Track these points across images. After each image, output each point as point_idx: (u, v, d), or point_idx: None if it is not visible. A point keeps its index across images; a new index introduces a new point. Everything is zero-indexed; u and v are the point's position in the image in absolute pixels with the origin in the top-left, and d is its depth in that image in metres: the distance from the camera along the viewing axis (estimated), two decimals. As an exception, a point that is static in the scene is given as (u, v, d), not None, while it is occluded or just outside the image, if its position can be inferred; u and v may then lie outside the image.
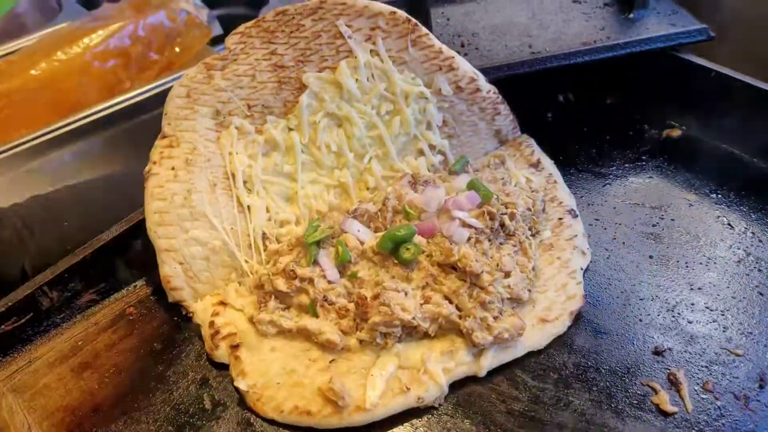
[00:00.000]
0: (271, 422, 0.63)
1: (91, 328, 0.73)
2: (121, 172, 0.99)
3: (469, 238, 0.69)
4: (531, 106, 0.94)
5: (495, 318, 0.65)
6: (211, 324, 0.69)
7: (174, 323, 0.73)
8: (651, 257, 0.75)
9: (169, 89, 0.77)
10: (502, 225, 0.72)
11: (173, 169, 0.73)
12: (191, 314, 0.72)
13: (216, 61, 0.77)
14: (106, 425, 0.64)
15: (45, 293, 0.70)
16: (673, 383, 0.63)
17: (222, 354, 0.67)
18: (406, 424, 0.62)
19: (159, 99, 0.95)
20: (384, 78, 0.80)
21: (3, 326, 0.68)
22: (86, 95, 1.08)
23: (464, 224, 0.69)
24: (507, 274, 0.68)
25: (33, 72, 1.10)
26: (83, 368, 0.69)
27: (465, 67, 0.82)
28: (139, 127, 1.01)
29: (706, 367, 0.64)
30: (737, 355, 0.65)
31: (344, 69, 0.79)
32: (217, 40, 1.16)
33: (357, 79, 0.79)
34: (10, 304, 0.68)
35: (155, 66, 1.18)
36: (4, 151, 0.90)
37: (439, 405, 0.63)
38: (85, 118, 0.99)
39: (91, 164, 0.99)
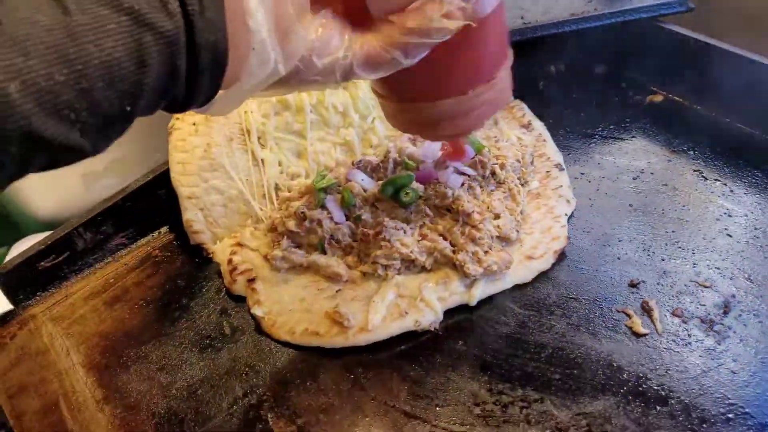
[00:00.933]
0: (284, 344, 0.70)
1: (121, 268, 0.80)
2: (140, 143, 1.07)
3: (462, 184, 0.76)
4: (524, 76, 0.99)
5: (485, 252, 0.72)
6: (229, 261, 0.76)
7: (195, 264, 0.80)
8: (631, 205, 0.82)
9: None
10: (493, 173, 0.79)
11: (194, 124, 0.80)
12: (211, 255, 0.80)
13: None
14: (137, 347, 0.71)
15: (80, 234, 0.78)
16: (646, 310, 0.70)
17: (239, 287, 0.75)
18: (404, 345, 0.69)
19: None
20: (386, 44, 0.87)
21: (42, 263, 0.76)
22: None
23: (458, 172, 0.76)
24: (497, 216, 0.75)
25: None
26: (114, 301, 0.76)
27: (461, 33, 0.89)
28: None
29: (676, 296, 0.71)
30: (705, 287, 0.72)
31: (349, 36, 0.86)
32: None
33: (361, 46, 0.86)
34: (48, 242, 0.76)
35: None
36: None
37: (435, 329, 0.70)
38: None
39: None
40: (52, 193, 1.00)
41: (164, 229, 0.85)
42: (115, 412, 0.65)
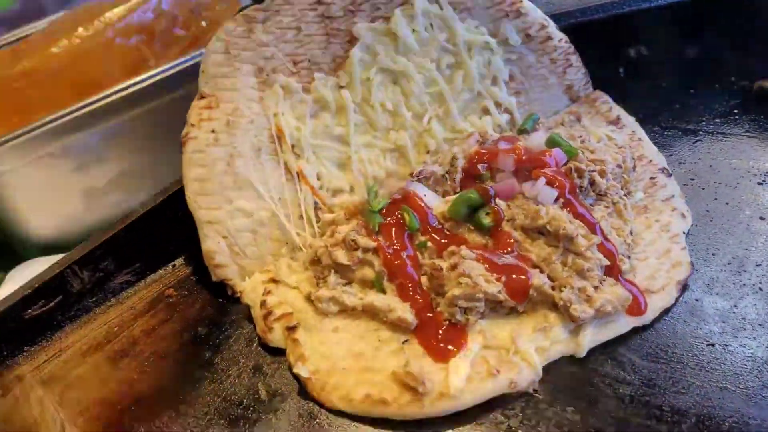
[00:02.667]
0: (339, 413, 0.54)
1: (127, 313, 0.65)
2: (147, 155, 0.94)
3: (556, 200, 0.60)
4: (600, 61, 0.84)
5: (595, 288, 0.55)
6: (263, 304, 0.61)
7: (219, 305, 0.65)
8: (762, 218, 0.66)
9: (196, 65, 0.70)
10: (592, 183, 0.62)
11: (213, 132, 0.65)
12: (239, 294, 0.64)
13: (257, 12, 0.69)
14: (150, 420, 0.56)
15: (75, 273, 0.62)
16: (813, 359, 0.53)
17: (277, 337, 0.59)
18: (496, 413, 0.53)
19: (185, 76, 0.91)
20: (444, 27, 0.73)
21: (30, 310, 0.61)
22: (109, 74, 1.02)
23: (550, 182, 0.60)
24: (604, 239, 0.58)
25: (53, 51, 1.04)
26: (120, 356, 0.61)
27: (534, 13, 0.74)
28: (166, 106, 0.95)
29: None
30: None
31: (400, 18, 0.71)
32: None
33: (414, 29, 0.72)
34: (37, 285, 0.60)
35: (181, 42, 1.10)
36: (25, 133, 0.85)
37: (534, 390, 0.54)
38: (108, 97, 0.93)
39: (116, 146, 0.94)
40: (52, 213, 0.91)
41: (179, 262, 0.69)
42: None
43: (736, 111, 0.80)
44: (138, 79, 0.93)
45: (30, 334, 0.62)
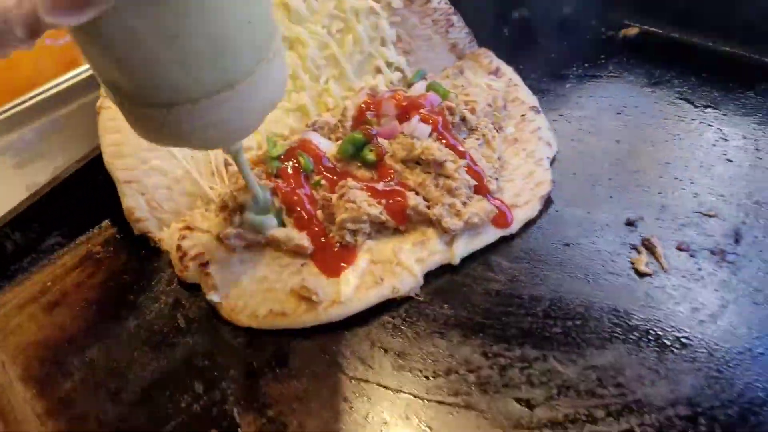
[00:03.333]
0: (247, 330, 0.61)
1: (59, 270, 0.71)
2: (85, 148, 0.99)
3: (430, 134, 0.68)
4: (486, 24, 0.93)
5: (464, 204, 0.64)
6: (179, 247, 0.68)
7: (142, 256, 0.71)
8: (618, 141, 0.75)
9: None
10: (464, 119, 0.71)
11: (126, 100, 0.72)
12: (159, 244, 0.71)
13: None
14: (80, 354, 0.62)
15: (8, 236, 0.69)
16: (648, 248, 0.63)
17: (192, 274, 0.66)
18: (384, 315, 0.61)
19: None
20: (332, -5, 0.80)
21: (-34, 271, 0.67)
22: (43, 75, 1.07)
23: (424, 120, 0.68)
24: (472, 162, 0.67)
25: None
26: (53, 306, 0.67)
27: (413, -22, 0.82)
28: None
29: (679, 230, 0.64)
30: (710, 216, 0.65)
31: (291, -10, 0.78)
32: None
33: (305, 0, 0.79)
34: (-29, 246, 0.67)
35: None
36: None
37: (416, 295, 0.62)
38: (41, 94, 0.98)
39: (53, 141, 0.99)
40: None
41: (105, 224, 0.75)
42: (59, 427, 0.56)
43: (602, 56, 0.89)
44: (69, 75, 0.99)
45: (-32, 294, 0.68)
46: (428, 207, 0.64)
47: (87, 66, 0.98)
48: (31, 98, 0.99)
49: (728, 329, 0.55)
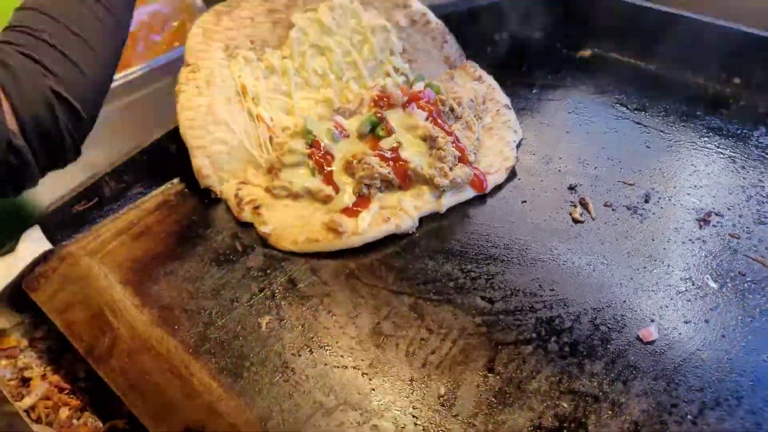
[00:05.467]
0: (289, 253, 0.84)
1: (142, 212, 0.92)
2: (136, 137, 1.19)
3: (427, 118, 0.92)
4: (474, 42, 1.18)
5: (450, 168, 0.87)
6: (236, 195, 0.90)
7: (206, 204, 0.94)
8: (567, 132, 0.99)
9: (169, 63, 0.98)
10: (452, 110, 0.95)
11: (197, 87, 0.95)
12: (219, 194, 0.93)
13: (223, 8, 0.99)
14: (163, 266, 0.84)
15: (106, 182, 0.91)
16: (583, 204, 0.86)
17: (247, 215, 0.88)
18: (390, 244, 0.83)
19: (162, 72, 1.15)
20: (354, 15, 1.03)
21: (76, 207, 0.89)
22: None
23: (422, 107, 0.92)
24: (457, 140, 0.90)
25: None
26: (139, 235, 0.89)
27: (417, 5, 1.06)
28: (148, 96, 1.20)
29: (607, 192, 0.87)
30: (629, 184, 0.88)
31: (324, 9, 1.02)
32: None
33: (334, 18, 1.02)
34: (81, 189, 0.89)
35: (157, 45, 1.39)
36: None
37: (413, 233, 0.85)
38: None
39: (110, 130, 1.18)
40: (56, 186, 1.12)
41: (176, 180, 0.98)
42: (152, 312, 0.78)
43: (562, 70, 1.14)
44: (125, 73, 1.21)
45: (76, 225, 0.90)
46: (422, 170, 0.87)
47: (137, 67, 1.19)
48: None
49: (628, 253, 0.78)
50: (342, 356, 0.70)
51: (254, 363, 0.71)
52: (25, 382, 0.82)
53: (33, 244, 0.89)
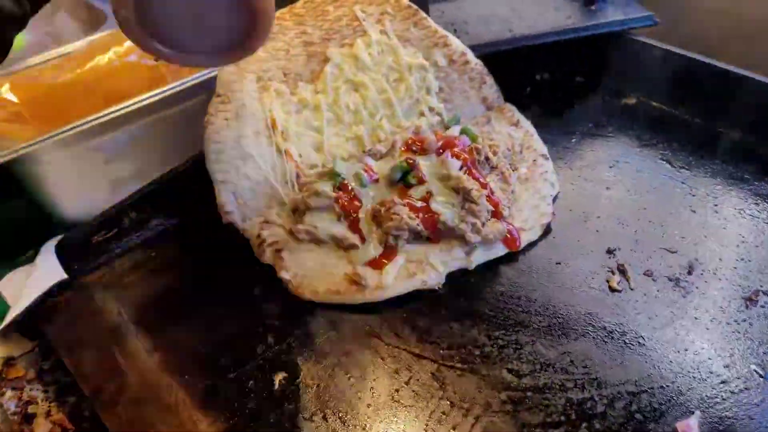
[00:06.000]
0: (309, 303, 0.80)
1: (161, 245, 0.91)
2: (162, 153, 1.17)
3: (461, 168, 0.88)
4: (513, 82, 1.13)
5: (482, 224, 0.83)
6: (258, 236, 0.87)
7: (227, 241, 0.91)
8: (607, 188, 0.94)
9: (202, 83, 0.96)
10: (487, 158, 0.91)
11: (226, 119, 0.92)
12: (242, 232, 0.90)
13: (258, 38, 0.97)
14: (180, 306, 0.81)
15: (127, 213, 0.89)
16: (621, 271, 0.81)
17: (268, 257, 0.85)
18: (414, 300, 0.80)
19: (193, 91, 1.07)
20: (391, 52, 1.00)
21: (95, 238, 0.87)
22: (133, 87, 1.26)
23: (455, 155, 0.88)
24: (491, 193, 0.86)
25: (89, 66, 1.24)
26: (157, 271, 0.87)
27: (457, 43, 1.03)
28: (178, 114, 1.17)
29: (647, 260, 0.82)
30: (672, 252, 0.83)
31: (360, 45, 0.99)
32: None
33: (370, 53, 0.99)
34: (101, 219, 0.87)
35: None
36: (65, 132, 1.00)
37: (439, 289, 0.81)
38: (132, 105, 1.14)
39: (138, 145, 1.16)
40: (83, 198, 1.09)
41: (198, 212, 0.95)
42: (163, 357, 0.75)
43: (604, 119, 1.09)
44: (156, 91, 1.18)
45: (94, 255, 0.88)
46: (454, 223, 0.83)
47: (170, 86, 1.17)
48: (122, 108, 1.16)
49: (674, 336, 0.73)
50: (356, 426, 0.66)
51: (265, 425, 0.67)
52: (28, 418, 0.79)
53: (49, 269, 0.87)
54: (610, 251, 0.84)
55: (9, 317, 0.82)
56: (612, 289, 0.79)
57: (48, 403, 0.81)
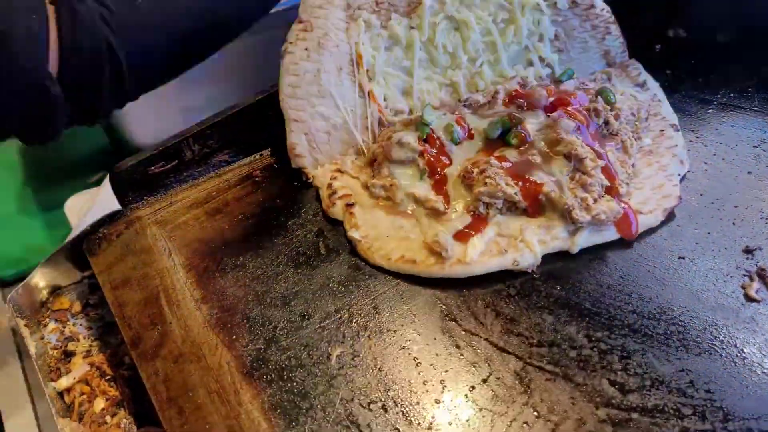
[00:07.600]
0: (378, 268, 0.70)
1: (223, 184, 0.82)
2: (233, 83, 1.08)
3: (574, 131, 0.73)
4: (639, 36, 0.96)
5: (594, 200, 0.69)
6: (329, 186, 0.77)
7: (294, 187, 0.81)
8: (750, 173, 0.78)
9: (277, 13, 0.84)
10: (607, 123, 0.76)
11: (306, 49, 0.81)
12: (311, 180, 0.80)
13: (352, -41, 0.84)
14: (234, 256, 0.73)
15: (189, 145, 0.80)
16: (761, 276, 0.66)
17: (337, 211, 0.75)
18: (501, 283, 0.68)
19: (267, 24, 1.04)
20: (504, -12, 0.85)
21: (152, 168, 0.79)
22: None
23: (569, 115, 0.74)
24: (609, 165, 0.72)
25: None
26: (215, 212, 0.78)
27: (582, -18, 0.86)
28: (250, 45, 1.06)
29: (796, 267, 0.67)
30: (829, 261, 0.67)
31: (468, -24, 0.84)
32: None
33: (478, -14, 0.85)
34: (160, 149, 0.78)
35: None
36: None
37: (532, 272, 0.68)
38: None
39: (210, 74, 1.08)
40: (153, 123, 1.05)
41: (266, 152, 0.86)
42: (211, 312, 0.67)
43: (750, 89, 0.90)
44: None
45: (150, 187, 0.80)
46: (559, 197, 0.70)
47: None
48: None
49: (826, 367, 0.58)
50: (420, 425, 0.56)
51: (315, 406, 0.58)
52: (68, 355, 0.73)
53: (105, 198, 0.80)
54: (748, 251, 0.69)
55: (66, 241, 0.76)
56: (748, 298, 0.64)
57: (89, 342, 0.75)
